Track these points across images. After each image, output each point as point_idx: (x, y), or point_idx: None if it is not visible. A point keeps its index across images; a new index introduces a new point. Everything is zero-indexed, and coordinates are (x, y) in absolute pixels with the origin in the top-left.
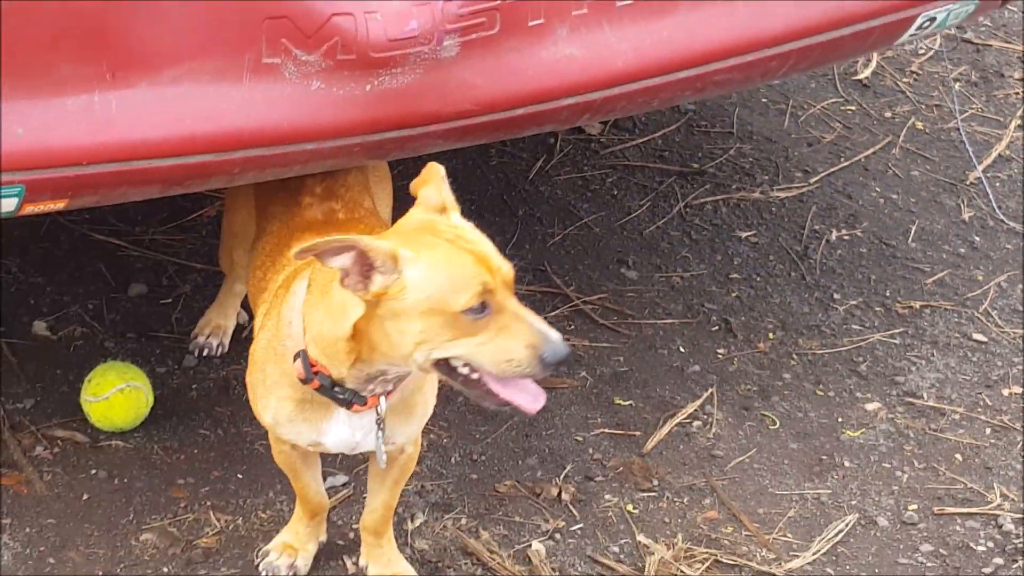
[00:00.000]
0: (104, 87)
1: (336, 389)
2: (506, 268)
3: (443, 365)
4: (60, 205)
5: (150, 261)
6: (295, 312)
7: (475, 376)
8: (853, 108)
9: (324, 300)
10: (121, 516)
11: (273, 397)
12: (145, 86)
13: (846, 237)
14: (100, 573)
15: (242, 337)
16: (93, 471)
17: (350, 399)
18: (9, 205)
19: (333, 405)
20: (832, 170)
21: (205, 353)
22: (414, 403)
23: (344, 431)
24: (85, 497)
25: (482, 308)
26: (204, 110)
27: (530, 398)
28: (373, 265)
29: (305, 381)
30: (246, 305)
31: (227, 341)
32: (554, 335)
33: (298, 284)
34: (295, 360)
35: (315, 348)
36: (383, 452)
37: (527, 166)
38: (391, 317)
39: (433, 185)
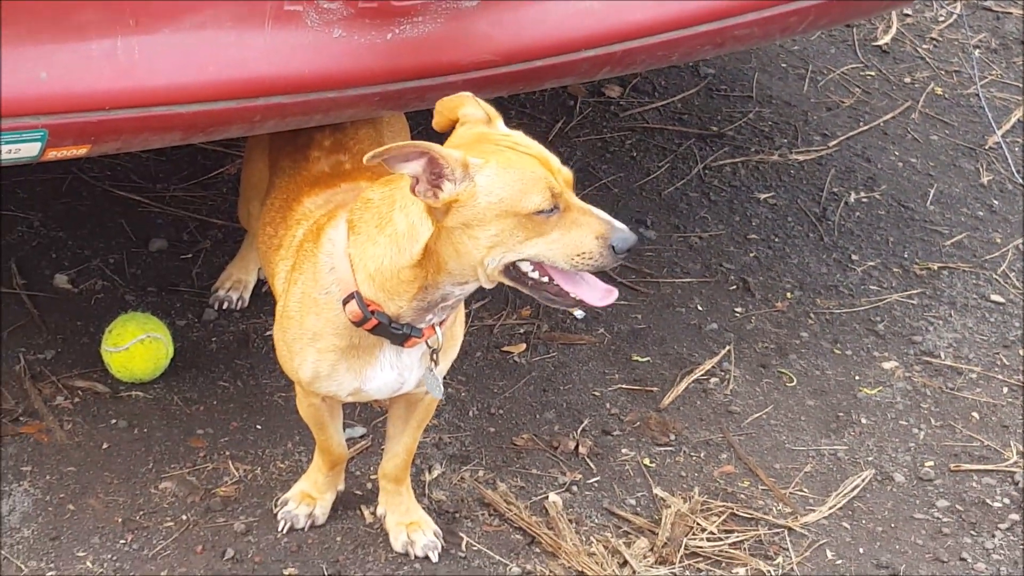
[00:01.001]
0: (127, 32)
1: (393, 325)
2: (565, 170)
3: (512, 270)
4: (82, 151)
5: (171, 217)
6: (337, 257)
7: (544, 278)
8: (873, 73)
9: (383, 233)
10: (140, 465)
11: (313, 350)
12: (168, 32)
13: (864, 200)
14: (119, 520)
15: (261, 292)
16: (113, 421)
17: (407, 333)
18: (32, 150)
19: (377, 350)
20: (851, 134)
21: (225, 307)
22: (453, 335)
23: (389, 375)
24: (105, 446)
25: (552, 208)
26: (226, 57)
27: (600, 294)
28: (442, 173)
29: (361, 322)
30: None
31: (247, 295)
32: (620, 224)
33: (332, 231)
34: (345, 304)
35: (371, 286)
36: (439, 382)
37: (547, 127)
38: (462, 226)
39: (469, 104)
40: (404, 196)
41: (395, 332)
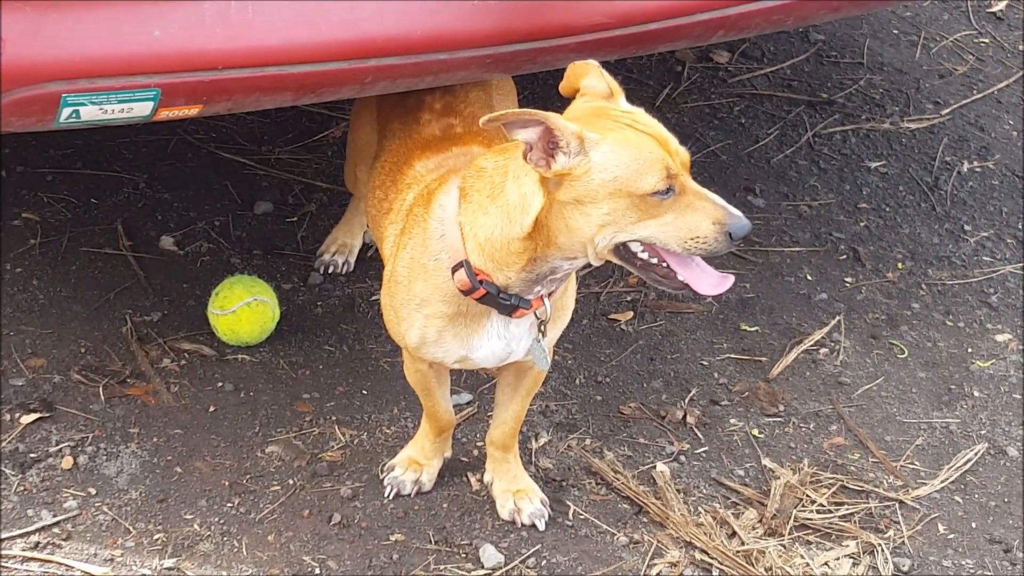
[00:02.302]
0: None
1: (501, 296)
2: (683, 151)
3: (621, 250)
4: (193, 111)
5: (276, 180)
6: (448, 224)
7: (653, 260)
8: (986, 41)
9: (495, 203)
10: (247, 428)
11: (420, 316)
12: None
13: (978, 169)
14: (226, 483)
15: (367, 256)
16: (219, 384)
17: (515, 304)
18: (144, 109)
19: (485, 318)
20: (964, 102)
21: (331, 271)
22: (563, 306)
23: (497, 344)
24: (211, 409)
25: (668, 190)
26: (339, 17)
27: (714, 280)
28: (558, 144)
29: (469, 291)
30: None
31: (353, 260)
32: (736, 211)
33: (443, 197)
34: (454, 273)
35: (480, 256)
36: (546, 353)
37: (654, 93)
38: (574, 202)
39: (592, 75)
40: (518, 167)
41: (503, 302)
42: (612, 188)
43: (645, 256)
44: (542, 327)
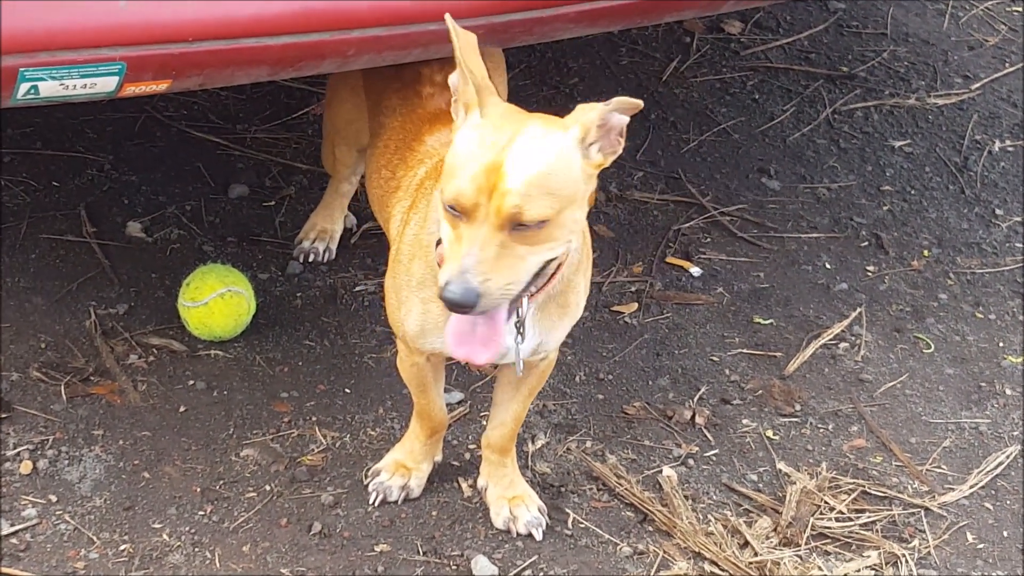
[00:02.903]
0: None
1: None
2: (508, 199)
3: None
4: (162, 87)
5: (252, 161)
6: None
7: None
8: (1019, 9)
9: None
10: (220, 430)
11: (418, 300)
12: None
13: (1010, 148)
14: (198, 489)
15: (350, 243)
16: (191, 382)
17: None
18: (108, 84)
19: None
20: (996, 76)
21: (311, 259)
22: (567, 303)
23: None
24: (182, 409)
25: (451, 207)
26: None
27: (458, 339)
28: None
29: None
30: (354, 208)
31: (334, 247)
32: (458, 280)
33: None
34: (437, 246)
35: None
36: (520, 357)
37: (660, 66)
38: None
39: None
40: None
41: None
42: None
43: None
44: (519, 327)
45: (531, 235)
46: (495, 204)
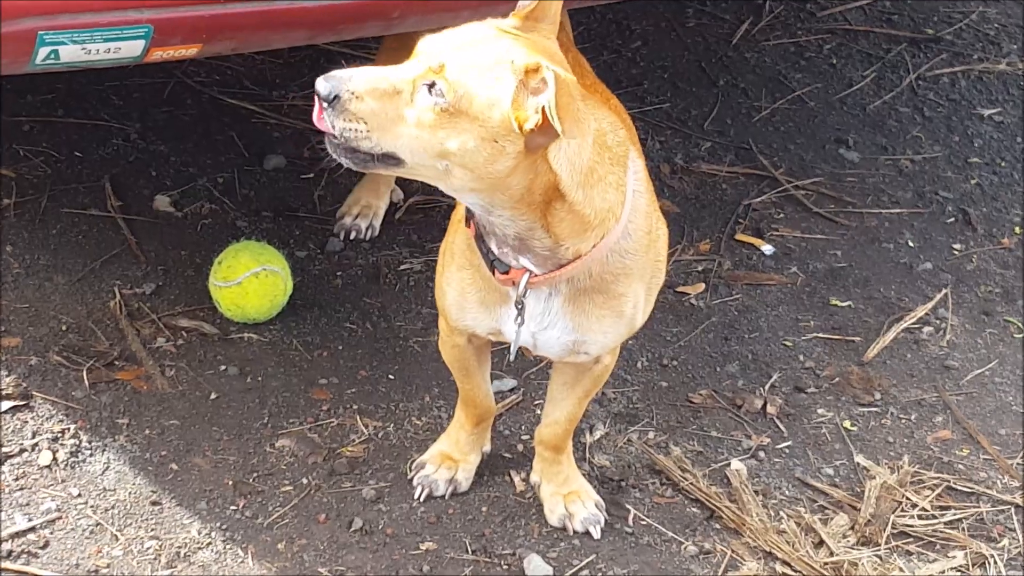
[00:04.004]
0: None
1: (481, 241)
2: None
3: None
4: (191, 51)
5: (289, 130)
6: None
7: None
8: None
9: None
10: (254, 419)
11: (454, 269)
12: None
13: None
14: (230, 483)
15: (394, 218)
16: (222, 367)
17: (491, 260)
18: (134, 49)
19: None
20: None
21: (352, 236)
22: (615, 307)
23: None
24: (213, 396)
25: None
26: None
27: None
28: None
29: (467, 221)
30: (400, 181)
31: (378, 224)
32: (336, 75)
33: None
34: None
35: None
36: (516, 345)
37: (730, 29)
38: None
39: None
40: None
41: (482, 250)
42: None
43: None
44: (520, 309)
45: (430, 113)
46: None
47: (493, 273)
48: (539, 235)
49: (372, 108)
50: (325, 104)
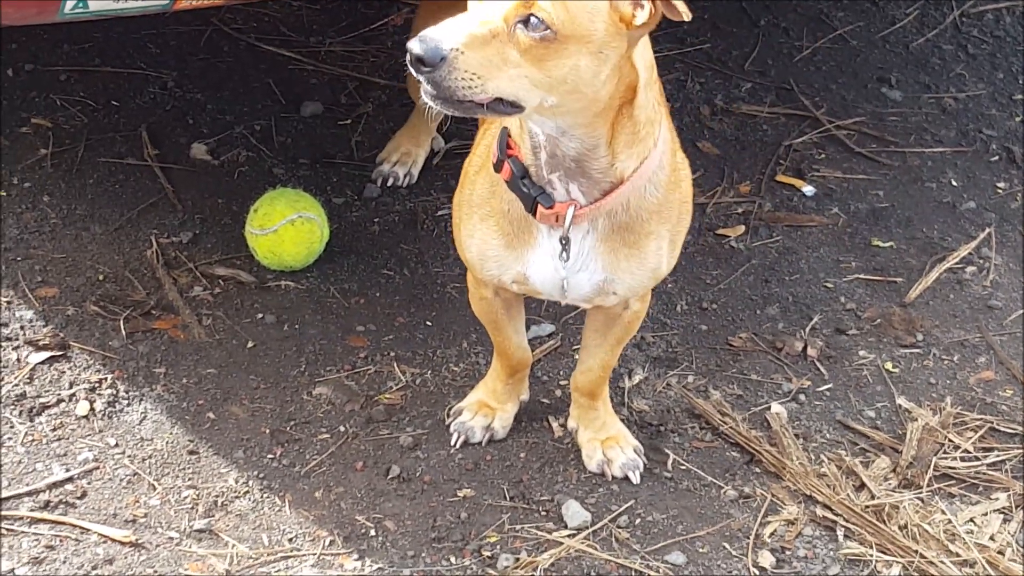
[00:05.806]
0: None
1: (524, 181)
2: None
3: None
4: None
5: (326, 76)
6: None
7: None
8: None
9: None
10: (291, 367)
11: (478, 219)
12: None
13: None
14: (267, 431)
15: (432, 165)
16: (259, 315)
17: (535, 196)
18: None
19: (535, 229)
20: None
21: (390, 183)
22: (643, 247)
23: (549, 265)
24: (250, 345)
25: None
26: None
27: None
28: None
29: (496, 166)
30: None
31: (416, 172)
32: (431, 36)
33: None
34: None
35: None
36: (564, 278)
37: None
38: None
39: None
40: None
41: (523, 190)
42: None
43: None
44: (564, 244)
45: (533, 47)
46: None
47: (535, 212)
48: (600, 152)
49: (478, 59)
50: (425, 68)
